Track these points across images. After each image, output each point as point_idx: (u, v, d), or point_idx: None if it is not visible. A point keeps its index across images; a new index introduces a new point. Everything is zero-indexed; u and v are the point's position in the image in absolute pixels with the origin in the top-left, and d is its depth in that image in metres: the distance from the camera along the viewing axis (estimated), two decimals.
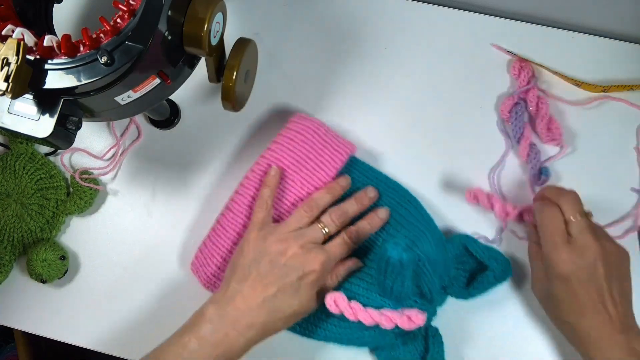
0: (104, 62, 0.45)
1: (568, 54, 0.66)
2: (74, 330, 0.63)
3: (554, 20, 0.68)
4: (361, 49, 0.68)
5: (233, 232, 0.59)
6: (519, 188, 0.63)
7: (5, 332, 0.99)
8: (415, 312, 0.52)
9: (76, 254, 0.65)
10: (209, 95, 0.68)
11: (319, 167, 0.60)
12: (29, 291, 0.64)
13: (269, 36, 0.69)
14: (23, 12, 0.54)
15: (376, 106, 0.67)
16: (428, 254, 0.56)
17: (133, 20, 0.46)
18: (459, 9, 0.69)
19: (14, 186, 0.65)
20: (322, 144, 0.61)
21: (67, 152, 0.67)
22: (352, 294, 0.56)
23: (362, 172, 0.62)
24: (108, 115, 0.53)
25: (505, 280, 0.59)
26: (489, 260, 0.58)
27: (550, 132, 0.62)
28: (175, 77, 0.52)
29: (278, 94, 0.68)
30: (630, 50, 0.66)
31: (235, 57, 0.56)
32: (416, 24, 0.69)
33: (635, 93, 0.65)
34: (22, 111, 0.47)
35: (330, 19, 0.70)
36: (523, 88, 0.63)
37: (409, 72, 0.67)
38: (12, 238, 0.64)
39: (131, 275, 0.64)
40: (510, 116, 0.62)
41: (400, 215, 0.60)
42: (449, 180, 0.64)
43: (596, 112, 0.65)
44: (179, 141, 0.67)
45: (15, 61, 0.44)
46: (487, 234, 0.62)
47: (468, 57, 0.67)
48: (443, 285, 0.58)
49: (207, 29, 0.49)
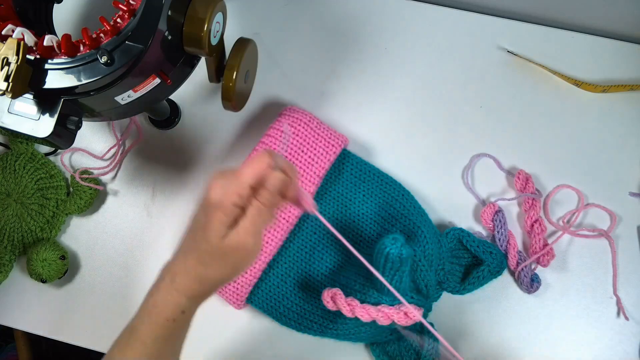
0: (104, 62, 0.45)
1: (568, 54, 0.66)
2: (74, 330, 0.63)
3: (554, 20, 0.68)
4: (361, 49, 0.69)
5: None
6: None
7: (5, 332, 0.99)
8: (411, 308, 0.52)
9: (76, 254, 0.65)
10: (209, 95, 0.68)
11: (313, 160, 0.60)
12: (29, 291, 0.64)
13: (269, 36, 0.69)
14: (23, 12, 0.54)
15: (376, 105, 0.67)
16: (424, 249, 0.57)
17: (133, 20, 0.46)
18: (459, 9, 0.69)
19: (14, 186, 0.65)
20: (315, 136, 0.61)
21: (67, 152, 0.67)
22: (349, 290, 0.56)
23: (356, 166, 0.62)
24: (108, 115, 0.53)
25: (500, 274, 0.59)
26: (484, 254, 0.58)
27: (543, 256, 0.60)
28: (175, 77, 0.52)
29: (278, 93, 0.68)
30: (630, 50, 0.66)
31: (235, 57, 0.56)
32: (416, 24, 0.69)
33: (635, 93, 0.65)
34: (22, 111, 0.47)
35: (330, 19, 0.70)
36: (522, 195, 0.62)
37: (408, 71, 0.67)
38: (12, 238, 0.64)
39: (131, 275, 0.64)
40: (493, 225, 0.61)
41: (394, 209, 0.60)
42: (443, 174, 0.64)
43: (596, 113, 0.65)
44: (179, 141, 0.67)
45: (15, 61, 0.44)
46: (481, 229, 0.62)
47: (468, 57, 0.67)
48: (439, 280, 0.58)
49: (207, 29, 0.49)
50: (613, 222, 0.61)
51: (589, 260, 0.61)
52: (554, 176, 0.63)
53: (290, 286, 0.60)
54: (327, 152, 0.60)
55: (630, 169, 0.63)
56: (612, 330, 0.59)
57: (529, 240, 0.61)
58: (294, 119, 0.61)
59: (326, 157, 0.60)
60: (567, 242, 0.62)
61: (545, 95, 0.66)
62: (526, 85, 0.66)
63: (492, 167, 0.64)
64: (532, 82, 0.66)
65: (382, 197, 0.61)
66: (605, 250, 0.61)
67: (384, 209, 0.60)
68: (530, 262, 0.60)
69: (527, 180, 0.62)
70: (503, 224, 0.61)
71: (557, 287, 0.61)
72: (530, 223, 0.61)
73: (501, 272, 0.59)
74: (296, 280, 0.60)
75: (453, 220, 0.63)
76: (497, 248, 0.59)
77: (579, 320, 0.60)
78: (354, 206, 0.61)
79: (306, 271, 0.60)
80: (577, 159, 0.64)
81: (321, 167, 0.60)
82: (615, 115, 0.65)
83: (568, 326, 0.60)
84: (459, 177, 0.64)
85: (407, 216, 0.59)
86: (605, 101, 0.65)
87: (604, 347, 0.59)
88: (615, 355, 0.59)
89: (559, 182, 0.63)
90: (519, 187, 0.62)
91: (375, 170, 0.62)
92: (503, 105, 0.66)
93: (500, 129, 0.65)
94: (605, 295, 0.60)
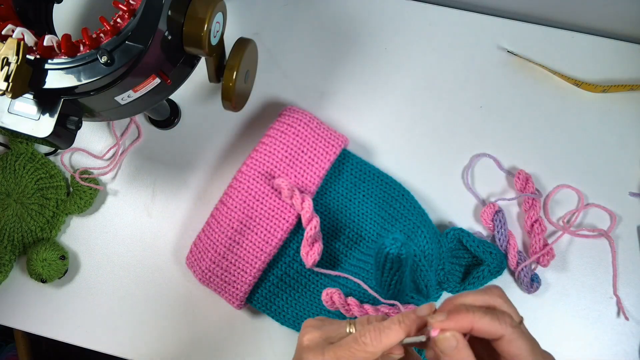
0: (104, 62, 0.45)
1: (568, 54, 0.67)
2: (74, 330, 0.63)
3: (554, 20, 0.68)
4: (361, 49, 0.69)
5: (227, 226, 0.59)
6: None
7: (5, 332, 0.99)
8: (412, 308, 0.52)
9: (76, 254, 0.65)
10: (209, 95, 0.68)
11: (313, 160, 0.60)
12: (29, 291, 0.64)
13: (268, 36, 0.69)
14: (23, 12, 0.54)
15: (376, 105, 0.67)
16: (423, 249, 0.57)
17: (133, 20, 0.46)
18: (459, 9, 0.69)
19: (14, 186, 0.65)
20: (315, 136, 0.61)
21: (67, 152, 0.67)
22: (349, 289, 0.56)
23: (356, 166, 0.62)
24: (108, 115, 0.53)
25: (500, 274, 0.59)
26: (484, 254, 0.58)
27: (543, 256, 0.60)
28: (175, 77, 0.52)
29: (278, 93, 0.68)
30: (630, 50, 0.66)
31: (235, 57, 0.56)
32: (416, 24, 0.69)
33: (635, 93, 0.65)
34: (22, 111, 0.47)
35: (330, 18, 0.70)
36: (522, 195, 0.62)
37: (408, 71, 0.67)
38: (12, 238, 0.64)
39: (131, 275, 0.64)
40: (493, 225, 0.61)
41: (394, 209, 0.60)
42: (443, 174, 0.64)
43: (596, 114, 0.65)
44: (179, 141, 0.67)
45: (15, 61, 0.44)
46: (482, 229, 0.62)
47: (468, 57, 0.67)
48: (439, 280, 0.58)
49: (207, 29, 0.49)
50: (613, 222, 0.61)
51: (589, 260, 0.61)
52: (554, 176, 0.63)
53: (290, 286, 0.60)
54: (327, 152, 0.60)
55: (630, 169, 0.63)
56: (612, 330, 0.59)
57: (529, 240, 0.61)
58: (294, 119, 0.61)
59: (326, 157, 0.60)
60: (567, 242, 0.62)
61: (545, 95, 0.66)
62: (526, 85, 0.66)
63: (492, 167, 0.64)
64: (532, 82, 0.66)
65: (382, 197, 0.61)
66: (605, 250, 0.61)
67: (384, 209, 0.60)
68: (530, 262, 0.60)
69: (527, 180, 0.62)
70: (503, 224, 0.61)
71: (557, 287, 0.61)
72: (530, 223, 0.61)
73: (501, 272, 0.59)
74: (296, 280, 0.60)
75: (453, 220, 0.63)
76: (497, 248, 0.59)
77: (579, 320, 0.60)
78: (354, 206, 0.61)
79: (306, 271, 0.60)
80: (577, 159, 0.64)
81: (321, 167, 0.60)
82: (615, 115, 0.65)
83: (568, 326, 0.60)
84: (459, 177, 0.64)
85: (407, 216, 0.59)
86: (605, 101, 0.65)
87: (604, 347, 0.59)
88: (615, 355, 0.59)
89: (559, 182, 0.63)
90: (519, 187, 0.62)
91: (375, 170, 0.62)
92: (503, 105, 0.66)
93: (500, 129, 0.65)
94: (605, 295, 0.60)
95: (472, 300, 0.37)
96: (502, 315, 0.36)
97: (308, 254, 0.56)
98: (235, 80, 0.55)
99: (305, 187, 0.59)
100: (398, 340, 0.37)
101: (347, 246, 0.60)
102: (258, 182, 0.60)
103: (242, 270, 0.58)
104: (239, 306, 0.59)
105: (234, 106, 0.59)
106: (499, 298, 0.38)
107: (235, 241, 0.59)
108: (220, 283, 0.59)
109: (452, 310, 0.36)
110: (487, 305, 0.37)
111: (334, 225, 0.61)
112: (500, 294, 0.38)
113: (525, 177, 0.62)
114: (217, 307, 0.62)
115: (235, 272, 0.58)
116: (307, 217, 0.57)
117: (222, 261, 0.59)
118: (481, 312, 0.35)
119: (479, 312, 0.35)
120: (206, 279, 0.60)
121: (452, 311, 0.36)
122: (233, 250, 0.59)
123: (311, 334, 0.40)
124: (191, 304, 0.63)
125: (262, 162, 0.60)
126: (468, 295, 0.38)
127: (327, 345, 0.38)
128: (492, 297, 0.38)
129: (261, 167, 0.60)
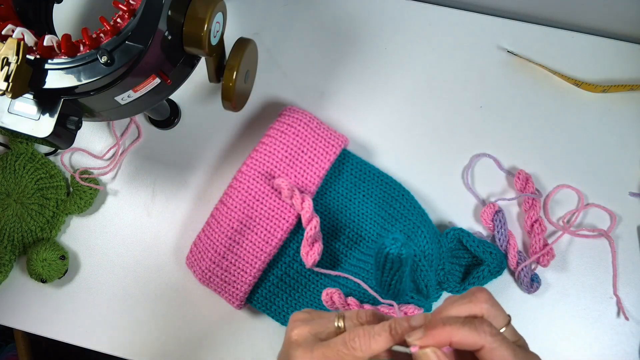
0: (104, 62, 0.45)
1: (568, 54, 0.67)
2: (74, 330, 0.63)
3: (554, 20, 0.68)
4: (361, 49, 0.69)
5: (227, 226, 0.59)
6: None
7: (5, 332, 0.99)
8: (411, 308, 0.52)
9: (76, 254, 0.65)
10: (209, 95, 0.68)
11: (313, 160, 0.60)
12: (29, 291, 0.64)
13: (268, 36, 0.69)
14: (23, 12, 0.54)
15: (376, 105, 0.67)
16: (423, 249, 0.57)
17: (133, 20, 0.46)
18: (459, 9, 0.69)
19: (14, 186, 0.65)
20: (315, 136, 0.61)
21: (67, 152, 0.67)
22: (349, 289, 0.56)
23: (356, 166, 0.62)
24: (108, 115, 0.53)
25: (500, 274, 0.59)
26: (484, 254, 0.58)
27: (543, 256, 0.60)
28: (175, 77, 0.52)
29: (278, 93, 0.68)
30: (630, 50, 0.66)
31: (235, 57, 0.56)
32: (416, 24, 0.69)
33: (635, 93, 0.65)
34: (22, 111, 0.47)
35: (330, 18, 0.70)
36: (522, 195, 0.62)
37: (408, 71, 0.67)
38: (12, 238, 0.64)
39: (131, 275, 0.64)
40: (493, 225, 0.61)
41: (394, 209, 0.60)
42: (443, 174, 0.64)
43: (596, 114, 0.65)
44: (179, 141, 0.67)
45: (15, 61, 0.44)
46: (482, 229, 0.62)
47: (468, 57, 0.67)
48: (439, 280, 0.58)
49: (207, 29, 0.49)
50: (613, 222, 0.61)
51: (589, 260, 0.61)
52: (554, 176, 0.63)
53: (290, 286, 0.60)
54: (327, 152, 0.60)
55: (630, 169, 0.63)
56: (612, 330, 0.59)
57: (529, 240, 0.61)
58: (294, 119, 0.61)
59: (326, 157, 0.60)
60: (567, 242, 0.62)
61: (545, 95, 0.66)
62: (526, 85, 0.66)
63: (492, 167, 0.64)
64: (532, 82, 0.66)
65: (382, 197, 0.61)
66: (605, 250, 0.61)
67: (384, 209, 0.60)
68: (530, 262, 0.60)
69: (527, 180, 0.62)
70: (503, 224, 0.61)
71: (557, 287, 0.61)
72: (530, 223, 0.61)
73: (501, 272, 0.59)
74: (296, 280, 0.60)
75: (453, 220, 0.63)
76: (497, 248, 0.59)
77: (579, 320, 0.60)
78: (354, 206, 0.61)
79: (306, 271, 0.60)
80: (577, 159, 0.64)
81: (321, 167, 0.60)
82: (615, 115, 0.65)
83: (568, 326, 0.60)
84: (459, 177, 0.64)
85: (407, 216, 0.59)
86: (605, 101, 0.65)
87: (604, 347, 0.59)
88: (615, 355, 0.59)
89: (559, 182, 0.63)
90: (519, 187, 0.62)
91: (375, 170, 0.62)
92: (503, 105, 0.66)
93: (500, 129, 0.65)
94: (605, 295, 0.60)
95: (456, 312, 0.36)
96: (481, 325, 0.35)
97: (308, 254, 0.56)
98: (235, 80, 0.55)
99: (305, 187, 0.59)
100: (387, 347, 0.37)
101: (347, 246, 0.60)
102: (258, 182, 0.60)
103: (242, 270, 0.58)
104: (239, 306, 0.59)
105: (234, 106, 0.59)
106: (484, 303, 0.37)
107: (235, 241, 0.59)
108: (220, 283, 0.59)
109: (428, 326, 0.36)
110: (472, 314, 0.36)
111: (334, 225, 0.61)
112: (485, 299, 0.37)
113: (525, 177, 0.62)
114: (217, 307, 0.62)
115: (235, 272, 0.58)
116: (307, 217, 0.57)
117: (222, 261, 0.59)
118: (458, 323, 0.35)
119: (457, 324, 0.35)
120: (206, 279, 0.60)
121: (429, 327, 0.36)
122: (233, 250, 0.59)
123: (300, 328, 0.39)
124: (191, 304, 0.63)
125: (262, 162, 0.60)
126: (453, 306, 0.37)
127: (317, 343, 0.38)
128: (477, 304, 0.37)
129: (261, 167, 0.60)
